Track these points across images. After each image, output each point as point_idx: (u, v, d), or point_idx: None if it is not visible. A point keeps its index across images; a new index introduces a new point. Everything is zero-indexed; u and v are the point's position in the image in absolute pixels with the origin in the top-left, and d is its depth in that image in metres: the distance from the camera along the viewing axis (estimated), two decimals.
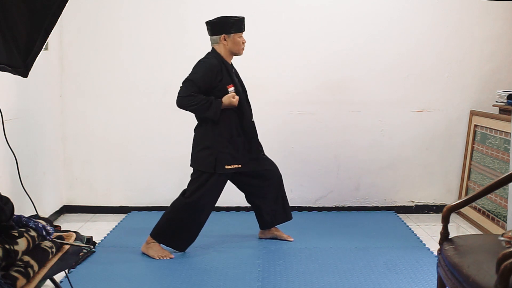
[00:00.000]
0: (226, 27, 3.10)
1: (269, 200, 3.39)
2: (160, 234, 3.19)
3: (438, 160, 4.23)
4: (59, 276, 2.51)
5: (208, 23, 3.16)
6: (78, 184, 4.17)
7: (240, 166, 3.18)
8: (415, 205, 4.27)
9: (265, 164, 3.36)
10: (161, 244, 3.22)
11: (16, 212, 2.01)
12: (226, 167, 3.14)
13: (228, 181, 3.32)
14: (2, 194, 2.00)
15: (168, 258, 3.15)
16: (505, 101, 3.75)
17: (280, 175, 3.42)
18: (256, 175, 3.33)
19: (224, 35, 3.11)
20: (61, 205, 4.12)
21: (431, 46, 4.09)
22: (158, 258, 3.14)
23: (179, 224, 3.17)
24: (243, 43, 3.18)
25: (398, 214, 4.16)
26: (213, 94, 3.09)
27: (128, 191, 4.19)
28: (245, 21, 3.19)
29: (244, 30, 3.18)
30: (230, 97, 3.08)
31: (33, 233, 1.98)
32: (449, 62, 4.12)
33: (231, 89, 3.13)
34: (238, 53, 3.20)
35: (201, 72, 3.07)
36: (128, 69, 4.06)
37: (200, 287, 2.76)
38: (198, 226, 3.21)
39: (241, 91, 3.21)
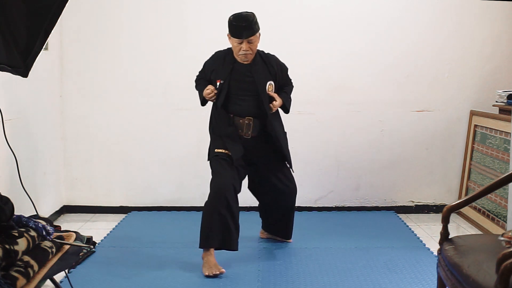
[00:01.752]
0: (228, 27, 3.02)
1: (273, 217, 3.42)
2: (203, 238, 2.96)
3: (438, 160, 4.23)
4: (59, 276, 2.51)
5: None
6: (78, 184, 4.17)
7: (227, 152, 3.07)
8: (415, 205, 4.27)
9: (277, 183, 3.26)
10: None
11: (16, 212, 2.01)
12: (216, 150, 3.10)
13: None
14: (2, 194, 2.00)
15: (218, 273, 2.87)
16: (505, 101, 3.75)
17: (292, 201, 3.34)
18: (270, 189, 3.28)
19: (228, 34, 3.04)
20: (61, 205, 4.12)
21: (431, 46, 4.09)
22: (207, 274, 2.87)
23: (212, 220, 2.94)
24: (241, 49, 2.98)
25: (398, 214, 4.16)
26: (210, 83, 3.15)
27: (128, 191, 4.18)
28: (248, 28, 2.92)
29: (239, 38, 2.94)
30: (207, 90, 3.07)
31: (33, 233, 1.98)
32: (449, 62, 4.12)
33: (218, 83, 3.07)
34: (236, 57, 3.06)
35: (209, 59, 3.20)
36: (128, 69, 4.06)
37: (200, 287, 2.76)
38: (230, 215, 2.96)
39: (233, 89, 3.08)
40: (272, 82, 3.18)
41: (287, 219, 3.41)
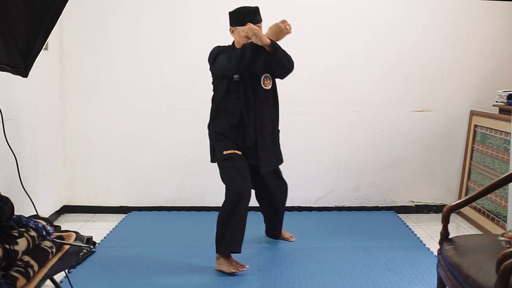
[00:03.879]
0: (231, 19, 3.01)
1: (265, 214, 3.45)
2: (218, 243, 2.96)
3: (438, 160, 4.23)
4: (59, 276, 2.51)
5: None
6: (78, 184, 4.17)
7: (237, 151, 3.00)
8: (415, 205, 4.27)
9: (269, 183, 3.25)
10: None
11: (16, 212, 2.01)
12: (224, 152, 3.00)
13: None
14: (2, 194, 2.00)
15: (243, 270, 2.91)
16: (505, 101, 3.75)
17: (281, 203, 3.35)
18: (268, 189, 3.28)
19: (230, 27, 3.02)
20: (61, 205, 4.12)
21: (431, 46, 4.09)
22: (233, 272, 2.90)
23: (236, 225, 2.92)
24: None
25: (398, 214, 4.16)
26: (217, 80, 3.04)
27: (128, 191, 4.19)
28: (253, 13, 2.96)
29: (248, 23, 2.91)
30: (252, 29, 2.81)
31: (33, 233, 1.98)
32: (449, 62, 4.12)
33: (235, 76, 2.98)
34: None
35: (216, 50, 2.99)
36: (128, 69, 4.06)
37: (200, 287, 2.76)
38: (243, 220, 2.96)
39: (249, 82, 3.02)
40: (268, 75, 3.07)
41: (276, 222, 3.43)
